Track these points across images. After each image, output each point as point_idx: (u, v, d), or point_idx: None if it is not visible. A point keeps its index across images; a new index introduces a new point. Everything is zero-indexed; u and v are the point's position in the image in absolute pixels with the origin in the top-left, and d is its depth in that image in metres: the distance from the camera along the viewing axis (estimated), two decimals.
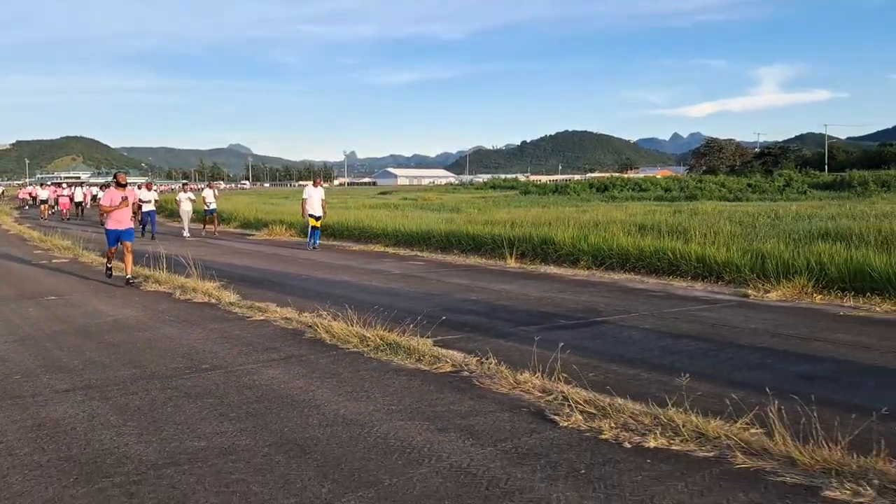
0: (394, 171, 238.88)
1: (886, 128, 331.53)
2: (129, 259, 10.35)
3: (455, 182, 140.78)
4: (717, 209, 22.05)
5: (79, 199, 35.62)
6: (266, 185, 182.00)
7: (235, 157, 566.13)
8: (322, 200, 16.63)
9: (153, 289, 9.86)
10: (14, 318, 7.85)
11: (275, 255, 15.02)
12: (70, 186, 42.22)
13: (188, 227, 21.45)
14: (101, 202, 10.89)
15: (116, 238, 10.58)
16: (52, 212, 36.22)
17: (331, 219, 18.69)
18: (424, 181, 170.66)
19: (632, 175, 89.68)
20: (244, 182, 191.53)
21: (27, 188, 58.25)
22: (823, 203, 26.11)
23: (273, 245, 17.80)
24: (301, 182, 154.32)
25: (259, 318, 7.48)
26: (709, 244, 10.81)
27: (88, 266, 12.98)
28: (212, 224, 22.15)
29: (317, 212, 16.45)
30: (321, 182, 18.11)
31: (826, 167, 79.78)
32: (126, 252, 10.36)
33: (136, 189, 20.50)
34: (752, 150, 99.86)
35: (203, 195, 22.77)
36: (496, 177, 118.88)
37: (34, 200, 43.32)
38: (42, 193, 38.12)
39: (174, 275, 10.17)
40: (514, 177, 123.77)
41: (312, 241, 16.53)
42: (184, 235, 20.76)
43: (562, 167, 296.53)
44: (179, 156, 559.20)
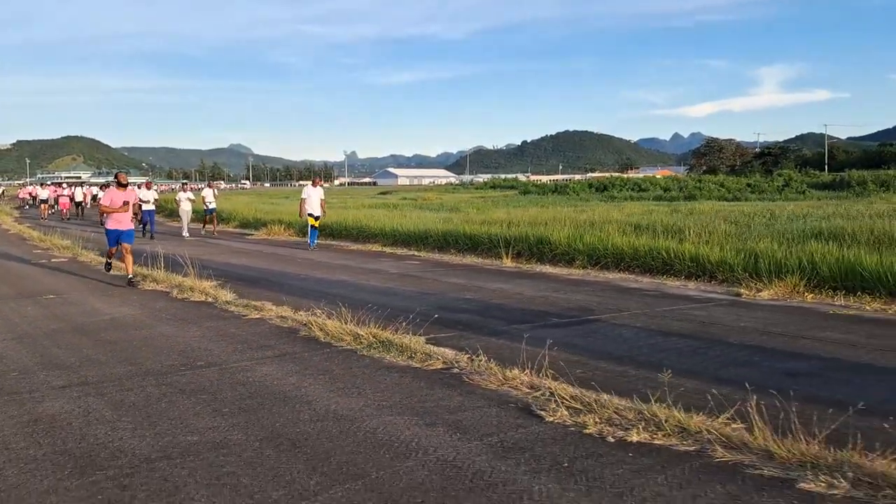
0: (394, 171, 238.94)
1: (887, 128, 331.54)
2: (130, 260, 10.40)
3: (455, 182, 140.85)
4: (714, 209, 22.13)
5: (79, 199, 35.71)
6: (266, 185, 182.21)
7: (236, 157, 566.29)
8: (321, 200, 16.77)
9: (151, 288, 9.94)
10: (13, 317, 7.93)
11: (273, 255, 15.10)
12: (70, 186, 42.35)
13: (187, 227, 21.53)
14: (101, 202, 10.95)
15: (117, 239, 10.63)
16: (52, 211, 36.31)
17: (329, 218, 18.76)
18: (425, 181, 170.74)
19: (631, 175, 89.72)
20: (244, 182, 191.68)
21: (27, 188, 58.41)
22: (821, 203, 26.16)
23: (271, 245, 17.87)
24: (301, 182, 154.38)
25: (255, 317, 7.56)
26: (703, 243, 10.89)
27: (87, 265, 13.06)
28: (211, 224, 22.25)
29: (316, 211, 16.57)
30: (320, 182, 18.22)
31: (826, 167, 79.83)
32: (126, 253, 10.41)
33: (136, 188, 20.55)
34: (753, 150, 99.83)
35: (203, 195, 22.86)
36: (496, 177, 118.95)
37: (34, 200, 43.48)
38: (42, 193, 38.25)
39: (172, 274, 10.24)
40: (514, 177, 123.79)
41: (309, 241, 16.62)
42: (183, 235, 20.84)
43: (562, 167, 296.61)
44: (180, 156, 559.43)
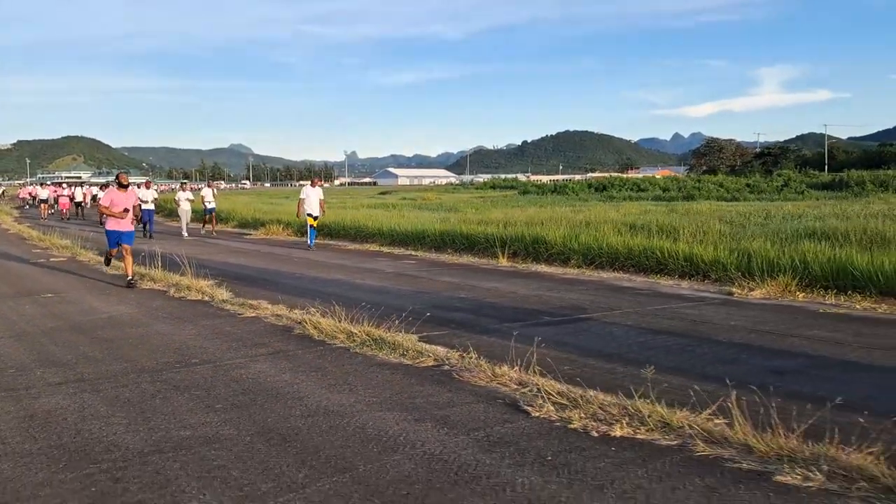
0: (395, 171, 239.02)
1: (888, 128, 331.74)
2: (130, 261, 10.38)
3: (456, 182, 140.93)
4: (712, 209, 22.19)
5: (79, 200, 35.79)
6: (266, 185, 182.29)
7: (236, 157, 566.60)
8: (321, 200, 16.87)
9: (148, 287, 10.02)
10: (11, 315, 8.01)
11: (270, 254, 15.18)
12: (70, 186, 42.44)
13: (186, 227, 21.61)
14: (101, 202, 10.99)
15: (117, 240, 10.60)
16: (52, 211, 36.41)
17: (327, 218, 18.84)
18: (425, 181, 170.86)
19: (631, 175, 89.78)
20: (244, 182, 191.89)
21: (27, 188, 58.59)
22: (819, 203, 26.22)
23: (270, 244, 17.95)
24: (301, 182, 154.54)
25: (250, 315, 7.64)
26: (697, 243, 10.96)
27: (86, 265, 13.14)
28: (210, 223, 22.32)
29: (315, 212, 16.66)
30: (319, 182, 18.30)
31: (826, 167, 79.90)
32: (126, 254, 10.39)
33: (135, 188, 20.62)
34: (753, 151, 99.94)
35: (202, 194, 22.93)
36: (496, 177, 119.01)
37: (34, 200, 43.61)
38: (42, 193, 38.36)
39: (169, 273, 10.32)
40: (514, 177, 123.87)
41: (309, 241, 16.68)
42: (182, 235, 20.91)
43: (563, 167, 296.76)
44: (181, 156, 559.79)
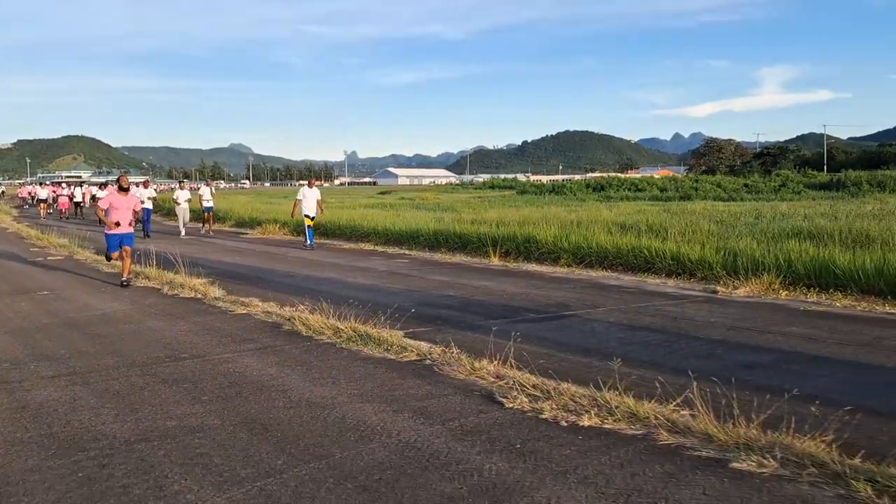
0: (395, 171, 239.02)
1: (888, 128, 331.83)
2: (128, 263, 10.38)
3: (455, 182, 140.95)
4: (706, 209, 22.32)
5: (78, 199, 35.93)
6: (266, 185, 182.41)
7: (236, 157, 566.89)
8: (318, 201, 17.01)
9: (143, 284, 10.17)
10: (7, 312, 8.17)
11: (265, 253, 15.33)
12: (70, 186, 42.59)
13: (183, 226, 21.73)
14: (100, 203, 11.06)
15: (119, 243, 10.49)
16: (51, 211, 36.57)
17: (323, 218, 18.97)
18: (425, 181, 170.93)
19: (630, 175, 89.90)
20: (244, 181, 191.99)
21: (27, 187, 58.80)
22: (815, 203, 26.33)
23: (265, 243, 18.10)
24: (300, 182, 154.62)
25: (241, 312, 7.79)
26: (684, 242, 11.11)
27: (83, 263, 13.30)
28: (208, 222, 22.43)
29: (312, 212, 16.79)
30: (318, 182, 18.41)
31: (825, 167, 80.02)
32: (125, 256, 10.46)
33: (134, 187, 20.75)
34: (752, 151, 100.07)
35: (200, 193, 23.01)
36: (495, 177, 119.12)
37: (33, 199, 43.78)
38: (41, 193, 38.52)
39: (164, 271, 10.47)
40: (514, 177, 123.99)
41: (308, 240, 16.71)
42: (180, 234, 21.05)
43: (563, 167, 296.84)
44: (181, 155, 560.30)
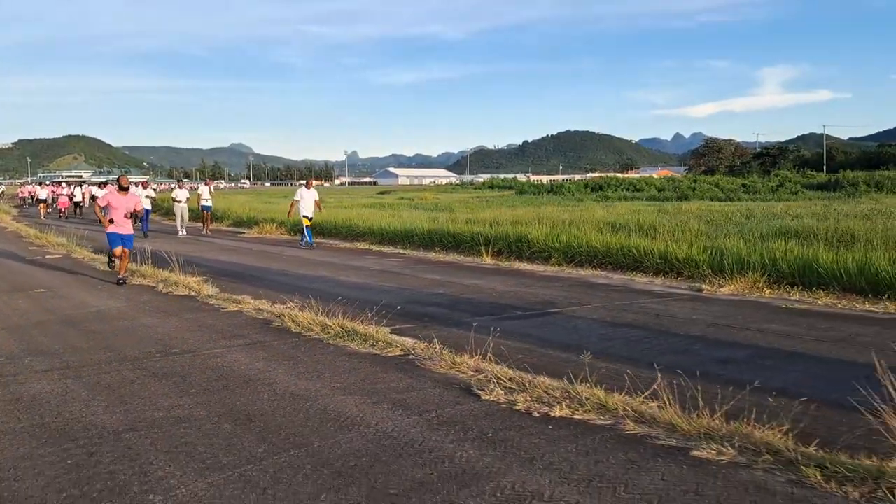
0: (395, 171, 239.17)
1: (888, 128, 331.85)
2: (126, 263, 10.56)
3: (456, 182, 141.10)
4: (700, 209, 22.49)
5: (78, 199, 36.10)
6: (266, 185, 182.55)
7: (237, 157, 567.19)
8: (316, 201, 17.18)
9: (138, 283, 10.33)
10: (4, 309, 8.33)
11: (261, 252, 15.49)
12: (70, 185, 42.77)
13: (182, 225, 21.84)
14: (99, 202, 11.21)
15: (120, 242, 10.54)
16: (50, 210, 36.74)
17: (320, 217, 19.13)
18: (425, 181, 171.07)
19: (630, 175, 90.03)
20: (244, 181, 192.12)
21: (27, 187, 59.02)
22: (811, 203, 26.51)
23: (262, 243, 18.26)
24: (300, 181, 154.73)
25: (233, 309, 7.95)
26: (673, 242, 11.26)
27: (80, 262, 13.45)
28: (206, 221, 22.56)
29: (310, 213, 16.94)
30: (316, 181, 18.56)
31: (825, 167, 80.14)
32: (124, 256, 10.60)
33: (133, 187, 20.90)
34: (752, 151, 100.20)
35: (199, 192, 23.15)
36: (495, 177, 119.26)
37: (33, 199, 43.97)
38: (41, 192, 38.69)
39: (159, 270, 10.63)
40: (513, 177, 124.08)
41: (307, 240, 16.70)
42: (178, 233, 21.18)
43: (563, 167, 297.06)
44: (181, 154, 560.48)
